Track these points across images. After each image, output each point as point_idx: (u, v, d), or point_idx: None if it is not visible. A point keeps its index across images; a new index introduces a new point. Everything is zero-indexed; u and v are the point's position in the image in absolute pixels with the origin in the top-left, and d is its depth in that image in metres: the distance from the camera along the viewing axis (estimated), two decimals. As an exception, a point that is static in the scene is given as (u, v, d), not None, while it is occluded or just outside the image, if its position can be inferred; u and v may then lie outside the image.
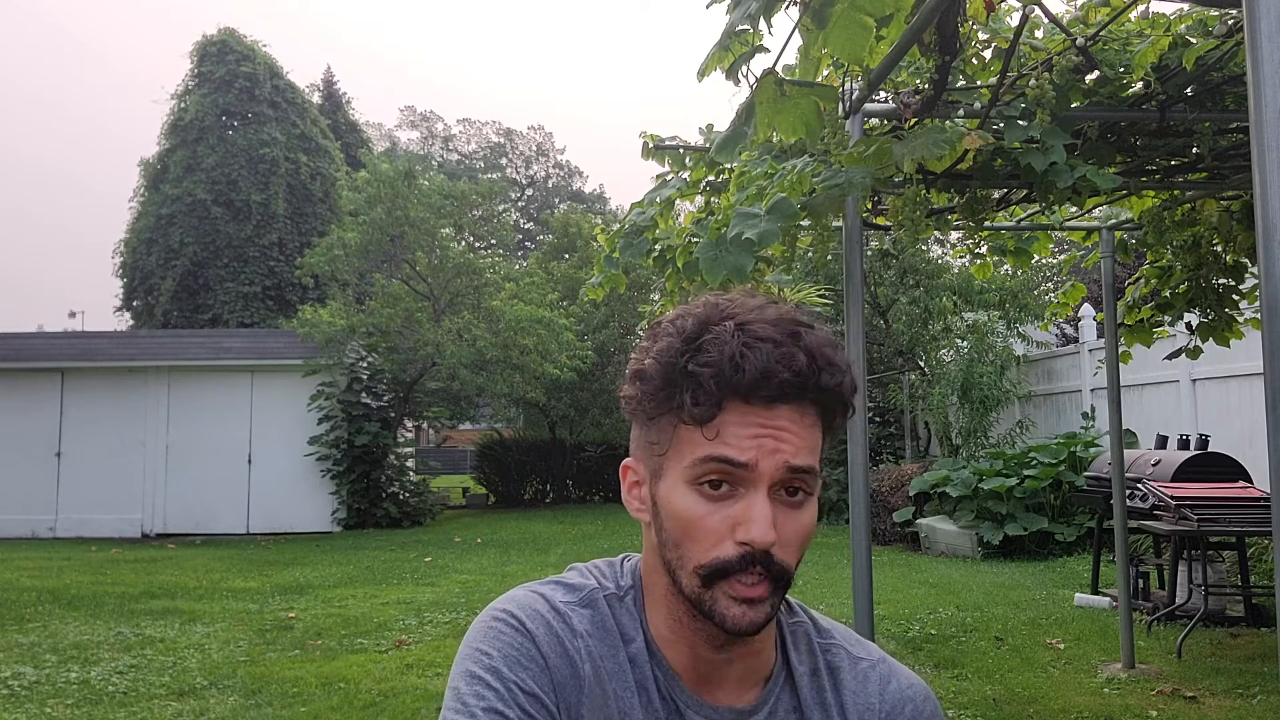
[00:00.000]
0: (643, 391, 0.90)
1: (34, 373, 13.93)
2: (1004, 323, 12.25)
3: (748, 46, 1.80)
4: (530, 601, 0.93)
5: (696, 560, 0.86)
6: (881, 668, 0.99)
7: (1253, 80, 0.95)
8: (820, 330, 0.90)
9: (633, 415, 0.93)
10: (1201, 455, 6.41)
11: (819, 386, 0.86)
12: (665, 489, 0.89)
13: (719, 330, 0.86)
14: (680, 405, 0.86)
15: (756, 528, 0.84)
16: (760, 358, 0.84)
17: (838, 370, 0.87)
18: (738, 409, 0.85)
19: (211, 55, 21.69)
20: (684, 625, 0.91)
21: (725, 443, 0.85)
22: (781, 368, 0.84)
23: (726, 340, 0.85)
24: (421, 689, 4.97)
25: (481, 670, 0.87)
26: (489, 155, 44.47)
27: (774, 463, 0.85)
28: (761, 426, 0.85)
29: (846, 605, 5.94)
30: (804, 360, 0.85)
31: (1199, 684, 4.77)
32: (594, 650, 0.91)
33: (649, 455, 0.91)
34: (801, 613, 1.01)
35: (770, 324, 0.87)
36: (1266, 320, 0.96)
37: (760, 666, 0.95)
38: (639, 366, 0.90)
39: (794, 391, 0.85)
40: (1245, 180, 3.52)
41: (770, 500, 0.85)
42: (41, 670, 5.48)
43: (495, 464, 18.55)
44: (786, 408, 0.86)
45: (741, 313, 0.88)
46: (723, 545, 0.85)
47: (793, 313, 0.90)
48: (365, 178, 15.57)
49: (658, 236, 3.42)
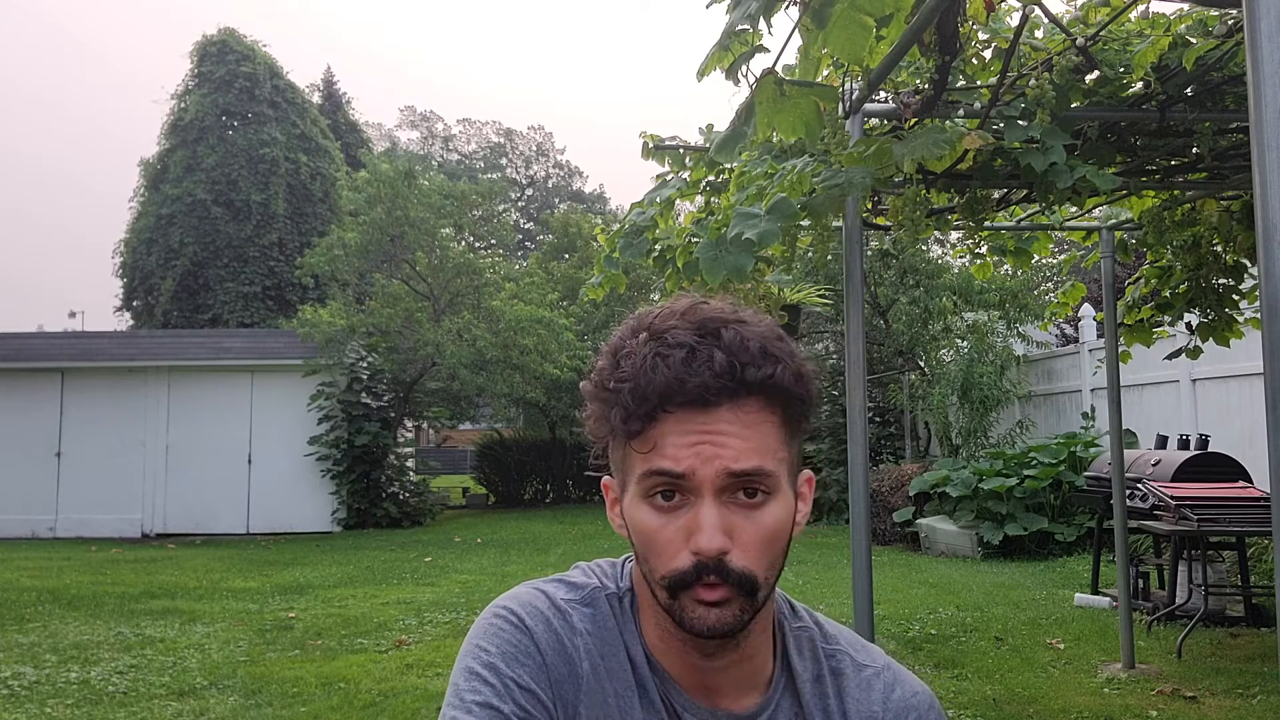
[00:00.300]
0: (589, 413, 0.91)
1: (34, 373, 13.93)
2: (1004, 323, 12.25)
3: (747, 46, 1.80)
4: (531, 599, 0.93)
5: (660, 571, 0.86)
6: (886, 675, 0.98)
7: (1253, 80, 0.95)
8: (757, 322, 0.88)
9: (592, 437, 0.93)
10: (1201, 455, 6.41)
11: (746, 382, 0.84)
12: (628, 505, 0.89)
13: (633, 344, 0.86)
14: (614, 423, 0.87)
15: (703, 536, 0.83)
16: (673, 365, 0.83)
17: (769, 361, 0.85)
18: (673, 418, 0.84)
19: (211, 55, 21.69)
20: (671, 634, 0.91)
21: (662, 454, 0.84)
22: (698, 371, 0.83)
23: (639, 352, 0.85)
24: (421, 689, 4.96)
25: (480, 666, 0.88)
26: (489, 155, 44.47)
27: (713, 469, 0.83)
28: (701, 433, 0.84)
29: (846, 605, 5.94)
30: (722, 360, 0.83)
31: (1199, 684, 4.77)
32: (593, 648, 0.91)
33: (615, 472, 0.92)
34: (807, 617, 1.01)
35: (688, 328, 0.85)
36: (1266, 320, 0.96)
37: (757, 672, 0.95)
38: (584, 390, 0.91)
39: (718, 392, 0.83)
40: (1245, 180, 3.52)
41: (720, 505, 0.84)
42: (41, 670, 5.48)
43: (495, 464, 18.55)
44: (723, 409, 0.84)
45: (659, 321, 0.87)
46: (679, 556, 0.85)
47: (721, 311, 0.88)
48: (365, 178, 15.57)
49: (658, 236, 3.42)
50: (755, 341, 0.85)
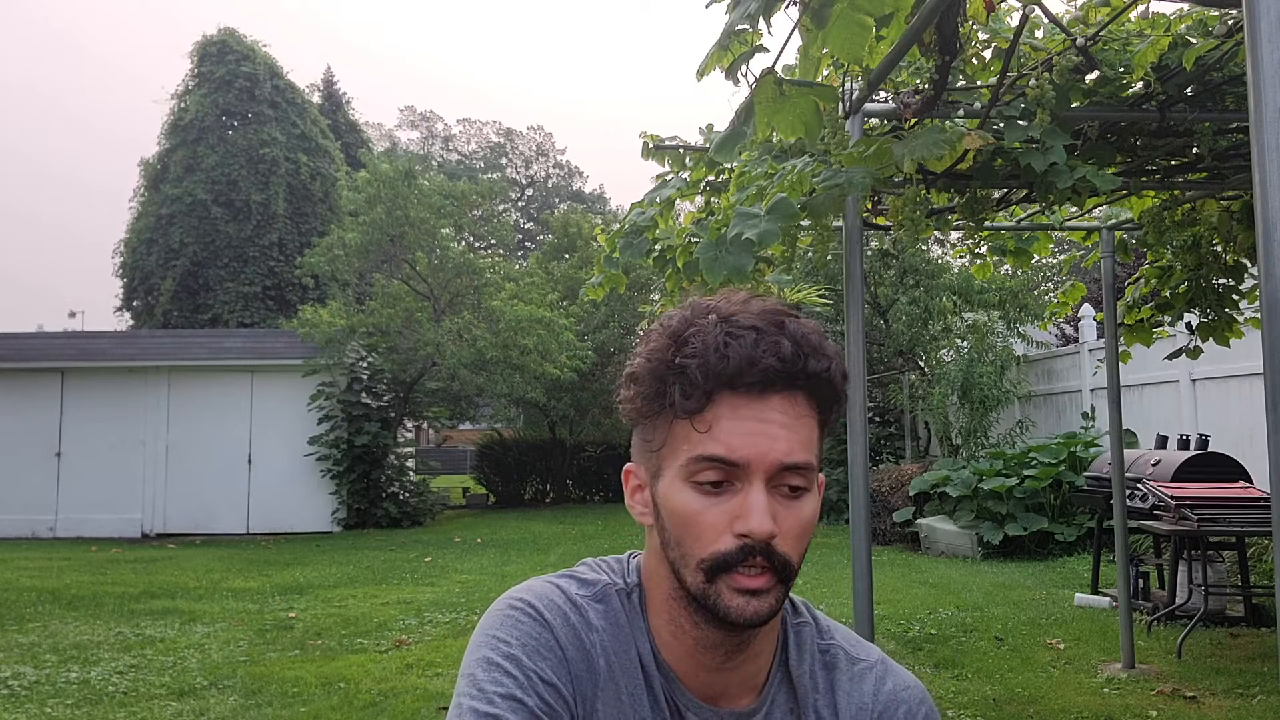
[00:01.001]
0: (636, 393, 0.91)
1: (34, 373, 13.93)
2: (1004, 323, 12.25)
3: (747, 46, 1.80)
4: (547, 592, 0.93)
5: (698, 555, 0.86)
6: (879, 669, 0.99)
7: (1253, 80, 0.95)
8: (806, 319, 0.90)
9: (630, 419, 0.93)
10: (1201, 455, 6.41)
11: (806, 372, 0.86)
12: (664, 487, 0.89)
13: (703, 323, 0.87)
14: (671, 401, 0.87)
15: (755, 519, 0.84)
16: (745, 345, 0.85)
17: (825, 356, 0.88)
18: (728, 401, 0.85)
19: (211, 55, 21.68)
20: (684, 631, 0.91)
21: (717, 439, 0.85)
22: (766, 354, 0.85)
23: (710, 331, 0.86)
24: (421, 689, 4.96)
25: (500, 658, 0.86)
26: (489, 155, 44.47)
27: (768, 460, 0.85)
28: (754, 421, 0.85)
29: (846, 605, 5.94)
30: (789, 346, 0.85)
31: (1199, 684, 4.77)
32: (608, 645, 0.91)
33: (647, 456, 0.92)
34: (806, 612, 1.01)
35: (754, 314, 0.88)
36: (1266, 320, 0.96)
37: (759, 670, 0.95)
38: (631, 369, 0.91)
39: (781, 378, 0.85)
40: (1245, 180, 3.52)
41: (768, 493, 0.85)
42: (41, 670, 5.48)
43: (495, 464, 18.55)
44: (777, 398, 0.86)
45: (725, 307, 0.89)
46: (722, 538, 0.85)
47: (777, 304, 0.90)
48: (365, 178, 15.57)
49: (658, 236, 3.42)
50: (815, 335, 0.88)
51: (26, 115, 71.03)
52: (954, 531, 9.69)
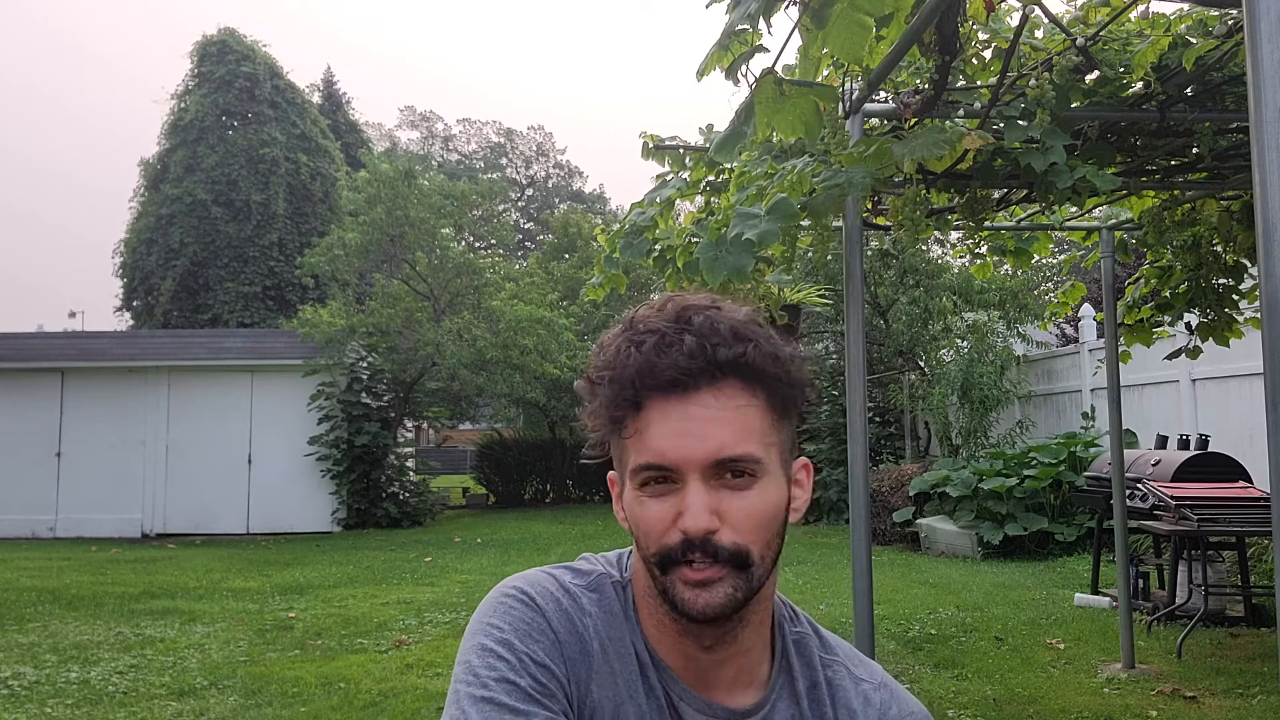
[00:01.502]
0: (585, 411, 0.93)
1: (34, 373, 13.93)
2: (1004, 323, 12.25)
3: (747, 46, 1.80)
4: (540, 580, 0.95)
5: (651, 549, 0.88)
6: (883, 692, 0.99)
7: (1253, 80, 0.95)
8: (734, 309, 0.90)
9: (592, 435, 0.95)
10: (1201, 455, 6.41)
11: (717, 362, 0.86)
12: (627, 496, 0.91)
13: (611, 336, 0.90)
14: (603, 417, 0.89)
15: (689, 516, 0.85)
16: (645, 350, 0.86)
17: (740, 341, 0.87)
18: (657, 405, 0.86)
19: (211, 55, 21.68)
20: (667, 627, 0.93)
21: (649, 446, 0.86)
22: (669, 353, 0.85)
23: (615, 343, 0.88)
24: (421, 689, 4.96)
25: (493, 643, 0.88)
26: (489, 155, 44.46)
27: (697, 458, 0.85)
28: (681, 420, 0.85)
29: (846, 605, 5.94)
30: (691, 341, 0.85)
31: (1199, 684, 4.77)
32: (602, 630, 0.93)
33: (617, 467, 0.94)
34: (806, 625, 1.02)
35: (662, 316, 0.88)
36: (1266, 320, 0.96)
37: (754, 668, 0.95)
38: (578, 388, 0.94)
39: (696, 375, 0.85)
40: (1245, 180, 3.52)
41: (708, 487, 0.86)
42: (41, 670, 5.48)
43: (495, 464, 18.55)
44: (704, 393, 0.86)
45: (640, 313, 0.90)
46: (669, 533, 0.86)
47: (698, 300, 0.90)
48: (365, 178, 15.57)
49: (658, 236, 3.42)
50: (726, 324, 0.87)
51: (26, 115, 71.09)
52: (954, 531, 9.68)
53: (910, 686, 4.83)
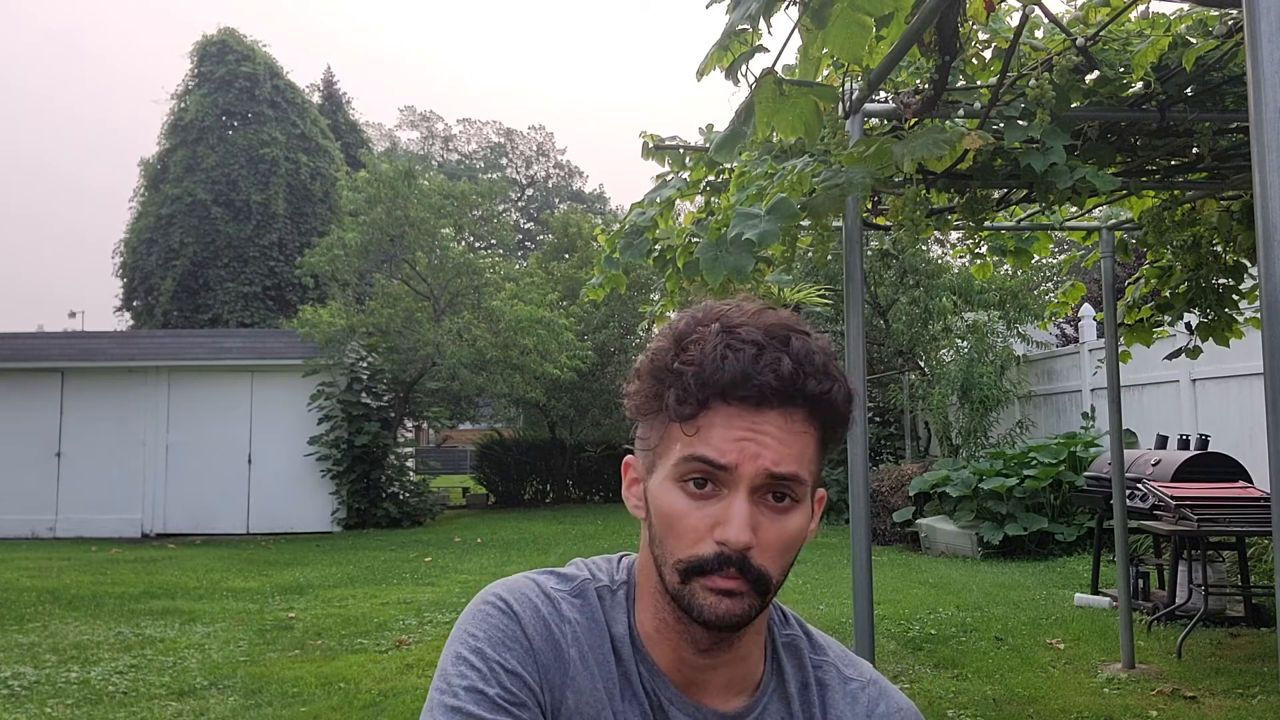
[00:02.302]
0: (638, 389, 0.92)
1: (34, 373, 13.92)
2: (1004, 323, 12.25)
3: (747, 46, 1.80)
4: (520, 586, 0.95)
5: (677, 556, 0.87)
6: (871, 689, 0.99)
7: (1253, 80, 0.95)
8: (818, 338, 0.90)
9: (632, 413, 0.95)
10: (1201, 455, 6.41)
11: (804, 392, 0.86)
12: (655, 485, 0.90)
13: (705, 331, 0.88)
14: (666, 403, 0.88)
15: (732, 528, 0.84)
16: (742, 359, 0.85)
17: (827, 378, 0.88)
18: (722, 410, 0.86)
19: (211, 55, 21.68)
20: (669, 625, 0.92)
21: (707, 443, 0.86)
22: (764, 370, 0.85)
23: (710, 340, 0.87)
24: (421, 689, 4.96)
25: (467, 652, 0.89)
26: (489, 155, 44.46)
27: (754, 467, 0.85)
28: (746, 430, 0.86)
29: (846, 605, 5.94)
30: (789, 365, 0.86)
31: (1199, 684, 4.77)
32: (581, 636, 0.93)
33: (644, 452, 0.93)
34: (797, 626, 1.02)
35: (760, 328, 0.88)
36: (1266, 320, 0.96)
37: (746, 674, 0.96)
38: (637, 365, 0.93)
39: (777, 396, 0.86)
40: (1245, 180, 3.52)
41: (751, 503, 0.86)
42: (41, 670, 5.48)
43: (495, 464, 18.55)
44: (774, 412, 0.86)
45: (734, 316, 0.89)
46: (702, 543, 0.86)
47: (789, 319, 0.90)
48: (365, 178, 15.57)
49: (658, 236, 3.43)
50: (820, 356, 0.88)
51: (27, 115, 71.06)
52: (954, 531, 9.69)
53: (910, 686, 4.83)
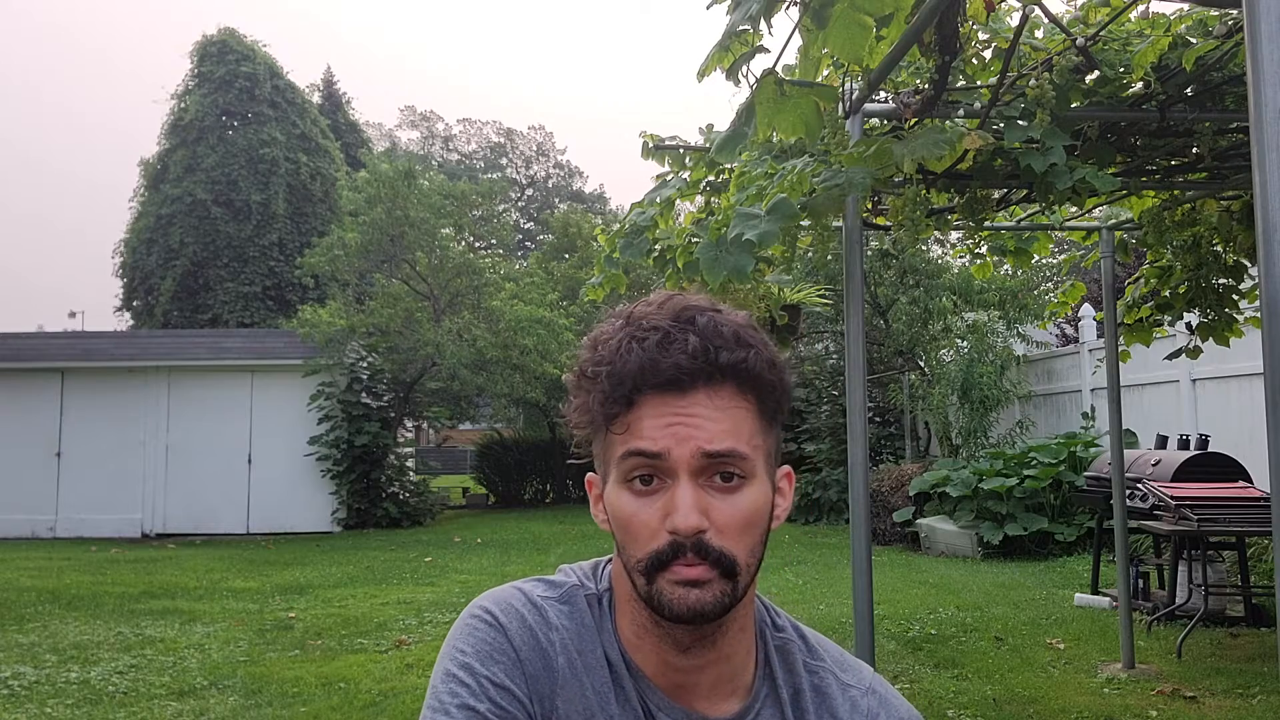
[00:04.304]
0: (571, 405, 0.92)
1: (34, 373, 13.92)
2: (1004, 323, 12.25)
3: (748, 47, 1.80)
4: (507, 596, 0.94)
5: (636, 556, 0.87)
6: (870, 698, 0.98)
7: (1253, 80, 0.95)
8: (731, 313, 0.90)
9: (576, 432, 0.94)
10: (1201, 455, 6.41)
11: (719, 365, 0.86)
12: (609, 494, 0.91)
13: (610, 329, 0.89)
14: (593, 408, 0.88)
15: (679, 516, 0.84)
16: (648, 347, 0.85)
17: (741, 346, 0.87)
18: (648, 400, 0.86)
19: (211, 55, 21.68)
20: (647, 630, 0.92)
21: (639, 435, 0.86)
22: (673, 353, 0.85)
23: (615, 337, 0.88)
24: (421, 689, 4.96)
25: (456, 668, 0.89)
26: (489, 155, 44.46)
27: (688, 449, 0.85)
28: (675, 414, 0.85)
29: (846, 605, 5.94)
30: (696, 342, 0.85)
31: (1199, 684, 4.77)
32: (570, 644, 0.92)
33: (599, 465, 0.94)
34: (790, 630, 1.00)
35: (664, 314, 0.88)
36: (1266, 320, 0.96)
37: (734, 676, 0.94)
38: (566, 381, 0.93)
39: (695, 375, 0.85)
40: (1245, 180, 3.52)
41: (697, 487, 0.85)
42: (41, 670, 5.48)
43: (495, 464, 18.55)
44: (699, 393, 0.86)
45: (639, 310, 0.90)
46: (657, 537, 0.86)
47: (696, 300, 0.90)
48: (365, 178, 15.57)
49: (658, 236, 3.42)
50: (729, 328, 0.88)
51: (26, 115, 71.07)
52: (954, 531, 9.69)
53: (910, 686, 4.84)
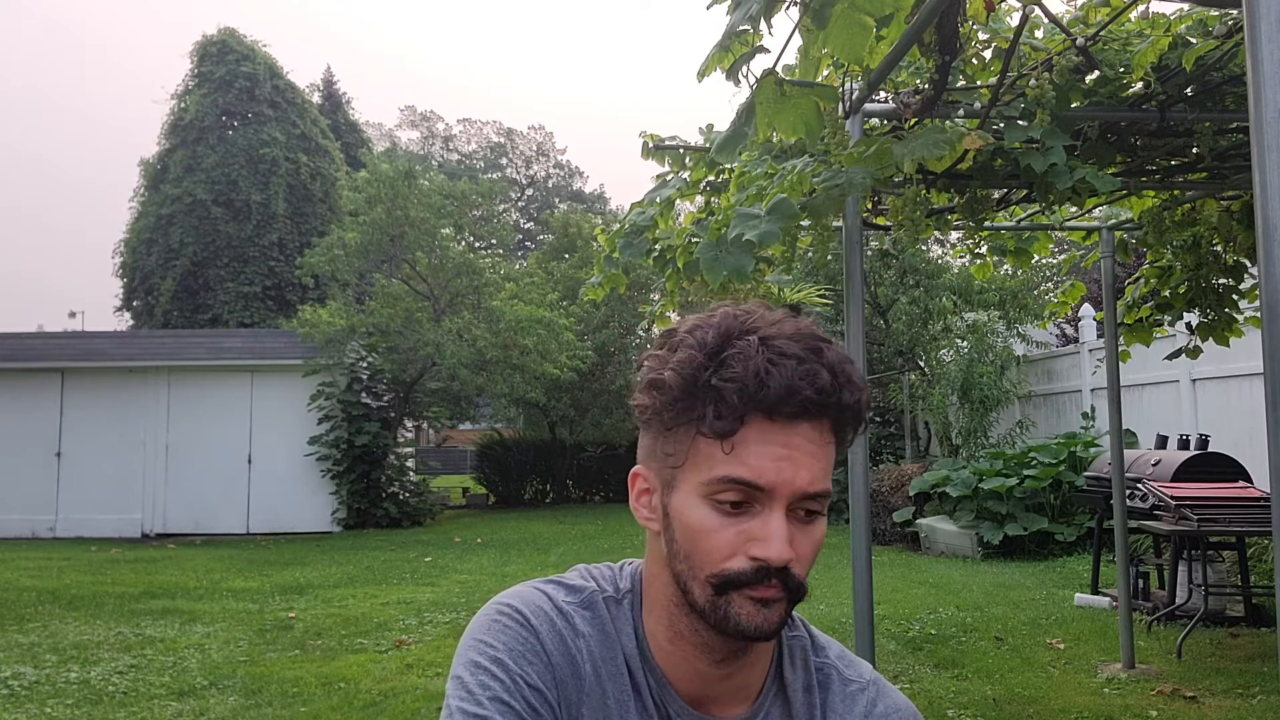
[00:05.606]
0: (660, 402, 0.89)
1: (34, 373, 13.92)
2: (1004, 323, 12.25)
3: (748, 47, 1.80)
4: (534, 598, 0.93)
5: (708, 570, 0.86)
6: (870, 690, 0.99)
7: (1253, 80, 0.95)
8: (838, 346, 0.90)
9: (646, 424, 0.92)
10: (1201, 455, 6.41)
11: (840, 404, 0.86)
12: (679, 501, 0.88)
13: (743, 345, 0.86)
14: (701, 418, 0.85)
15: (774, 546, 0.84)
16: (785, 374, 0.84)
17: (857, 388, 0.87)
18: (759, 425, 0.85)
19: (211, 55, 21.69)
20: (684, 638, 0.91)
21: (744, 463, 0.84)
22: (805, 384, 0.84)
23: (751, 355, 0.85)
24: (421, 689, 4.97)
25: (487, 661, 0.87)
26: (489, 155, 44.45)
27: (793, 487, 0.85)
28: (781, 447, 0.85)
29: (846, 605, 5.94)
30: (827, 377, 0.85)
31: (1199, 684, 4.77)
32: (595, 651, 0.92)
33: (662, 465, 0.91)
34: (801, 627, 1.02)
35: (793, 339, 0.86)
36: (1266, 320, 0.96)
37: (754, 681, 0.95)
38: (657, 376, 0.89)
39: (815, 409, 0.85)
40: (1245, 180, 3.52)
41: (786, 519, 0.85)
42: (41, 670, 5.48)
43: (495, 464, 18.55)
44: (806, 425, 0.86)
45: (763, 327, 0.87)
46: (735, 559, 0.85)
47: (812, 328, 0.89)
48: (365, 178, 15.57)
49: (658, 236, 3.42)
50: (848, 365, 0.88)
51: (27, 115, 71.07)
52: (954, 531, 9.68)
53: (910, 686, 4.84)
